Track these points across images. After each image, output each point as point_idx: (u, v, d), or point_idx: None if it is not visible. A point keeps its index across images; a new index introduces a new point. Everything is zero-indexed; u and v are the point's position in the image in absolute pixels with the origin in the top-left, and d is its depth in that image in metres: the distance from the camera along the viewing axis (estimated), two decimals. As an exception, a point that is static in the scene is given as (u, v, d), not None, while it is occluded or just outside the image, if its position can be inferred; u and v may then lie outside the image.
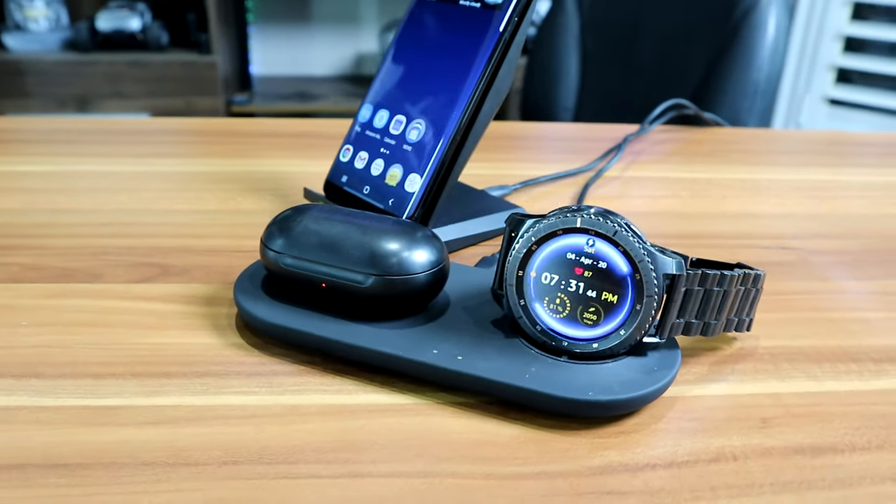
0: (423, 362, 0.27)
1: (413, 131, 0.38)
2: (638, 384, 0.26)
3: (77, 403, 0.26)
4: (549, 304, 0.27)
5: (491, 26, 0.36)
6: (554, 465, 0.24)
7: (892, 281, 0.38)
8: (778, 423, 0.27)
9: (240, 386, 0.27)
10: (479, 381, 0.26)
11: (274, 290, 0.30)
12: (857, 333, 0.33)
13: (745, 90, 1.01)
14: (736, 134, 0.66)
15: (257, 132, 0.58)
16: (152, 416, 0.25)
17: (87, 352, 0.29)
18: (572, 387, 0.25)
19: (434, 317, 0.29)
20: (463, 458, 0.24)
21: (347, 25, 1.97)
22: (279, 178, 0.48)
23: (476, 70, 0.36)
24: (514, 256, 0.27)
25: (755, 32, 0.99)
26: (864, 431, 0.26)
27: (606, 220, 0.26)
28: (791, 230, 0.44)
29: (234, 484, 0.22)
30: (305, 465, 0.23)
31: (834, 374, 0.30)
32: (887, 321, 0.34)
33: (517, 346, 0.27)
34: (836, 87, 1.66)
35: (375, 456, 0.24)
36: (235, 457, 0.24)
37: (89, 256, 0.37)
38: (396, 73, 0.40)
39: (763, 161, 0.58)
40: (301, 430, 0.25)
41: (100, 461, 0.23)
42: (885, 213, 0.48)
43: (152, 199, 0.44)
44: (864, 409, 0.28)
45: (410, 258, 0.28)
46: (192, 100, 1.61)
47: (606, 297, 0.26)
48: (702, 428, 0.26)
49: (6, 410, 0.25)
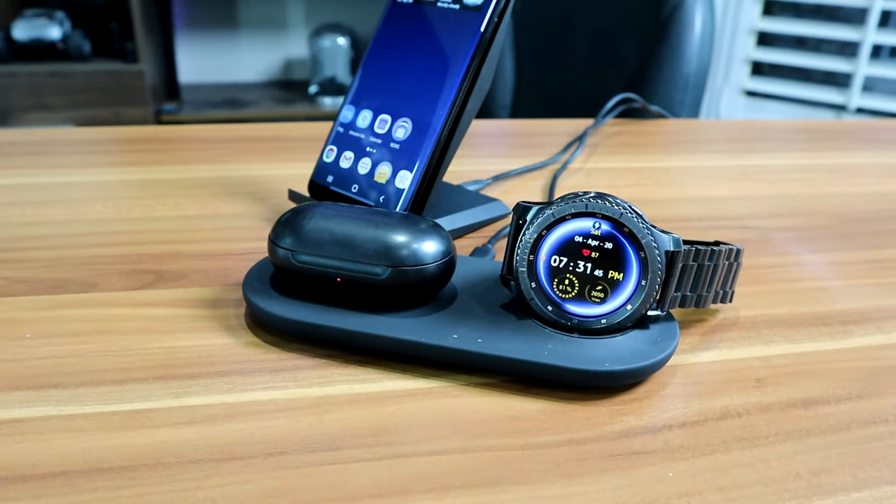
0: (446, 347, 0.28)
1: (399, 130, 0.39)
2: (647, 354, 0.28)
3: (105, 410, 0.26)
4: (559, 286, 0.29)
5: (472, 27, 0.37)
6: (581, 433, 0.26)
7: (843, 252, 0.42)
8: (770, 382, 0.29)
9: (266, 382, 0.28)
10: (502, 360, 0.27)
11: (284, 287, 0.31)
12: (822, 300, 0.36)
13: (677, 84, 1.06)
14: (680, 125, 0.70)
15: (220, 138, 0.58)
16: (186, 417, 0.26)
17: (103, 359, 0.29)
18: (589, 360, 0.27)
19: (445, 305, 0.31)
20: (496, 432, 0.25)
21: (275, 31, 1.95)
22: (253, 182, 0.48)
23: (460, 69, 0.37)
24: (526, 242, 0.29)
25: (683, 29, 1.04)
26: (845, 384, 0.29)
27: (612, 204, 0.28)
28: (748, 211, 0.47)
29: (283, 473, 0.23)
30: (349, 450, 0.24)
31: (809, 337, 0.33)
32: (845, 287, 0.37)
33: (531, 326, 0.29)
34: (752, 79, 1.75)
35: (414, 437, 0.25)
36: (279, 448, 0.24)
37: (78, 267, 0.36)
38: (377, 74, 0.41)
39: (710, 149, 0.62)
40: (336, 418, 0.26)
41: (144, 462, 0.23)
42: (823, 193, 0.52)
43: (129, 206, 0.44)
44: (840, 365, 0.31)
45: (423, 249, 0.29)
46: (119, 110, 1.56)
47: (612, 275, 0.28)
48: (705, 391, 0.28)
49: (33, 422, 0.25)
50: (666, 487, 0.23)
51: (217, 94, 1.85)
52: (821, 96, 1.66)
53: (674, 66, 1.06)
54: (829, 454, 0.25)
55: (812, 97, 1.67)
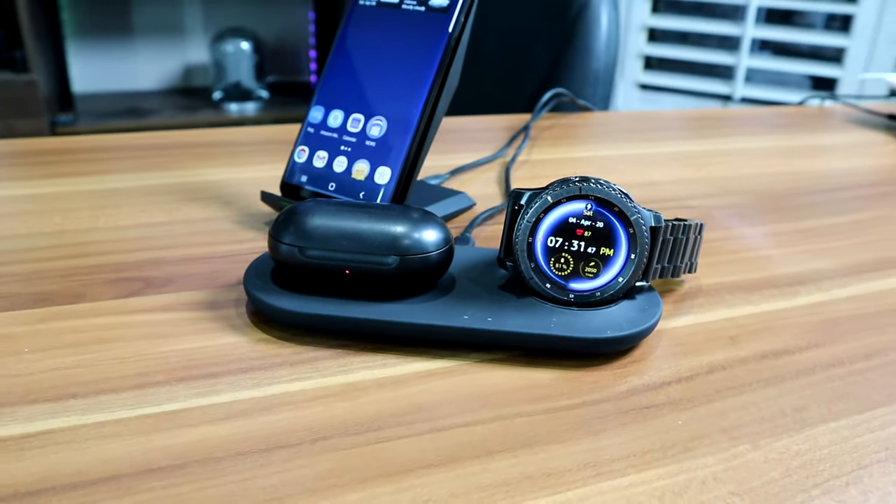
0: (459, 327, 0.30)
1: (374, 128, 0.40)
2: (639, 321, 0.31)
3: (135, 414, 0.26)
4: (556, 264, 0.31)
5: (440, 28, 0.39)
6: (593, 395, 0.28)
7: (775, 225, 0.47)
8: (742, 339, 0.33)
9: (289, 375, 0.28)
10: (513, 335, 0.29)
11: (287, 283, 0.32)
12: (767, 266, 0.40)
13: (587, 79, 1.12)
14: (605, 117, 0.74)
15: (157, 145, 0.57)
16: (220, 413, 0.26)
17: (116, 366, 0.29)
18: (591, 329, 0.30)
19: (447, 290, 0.32)
20: (520, 401, 0.27)
21: (172, 36, 1.89)
22: (213, 187, 0.48)
23: (431, 69, 0.39)
24: (525, 226, 0.31)
25: (591, 27, 1.10)
26: (802, 336, 0.33)
27: (602, 186, 0.30)
28: (686, 192, 0.52)
29: (334, 455, 0.24)
30: (390, 429, 0.26)
31: (764, 299, 0.37)
32: (784, 255, 0.42)
33: (532, 302, 0.31)
34: (644, 73, 1.86)
35: (446, 411, 0.27)
36: (323, 433, 0.25)
37: (57, 279, 0.35)
38: (345, 75, 0.42)
39: (638, 138, 0.66)
40: (368, 402, 0.27)
41: (192, 459, 0.24)
42: (744, 174, 0.57)
43: (90, 217, 0.42)
44: (794, 320, 0.35)
45: (428, 238, 0.31)
46: (11, 122, 1.47)
47: (604, 251, 0.31)
48: (689, 350, 0.32)
49: (63, 432, 0.25)
50: (679, 433, 0.26)
51: (114, 104, 1.77)
52: (708, 87, 1.78)
53: (584, 61, 1.11)
54: (804, 394, 0.29)
55: (700, 88, 1.79)
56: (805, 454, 0.25)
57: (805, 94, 0.99)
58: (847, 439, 0.26)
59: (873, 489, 0.24)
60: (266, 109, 1.81)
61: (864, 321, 0.35)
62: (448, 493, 0.23)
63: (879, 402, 0.29)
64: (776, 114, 0.79)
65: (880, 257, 0.42)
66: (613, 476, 0.24)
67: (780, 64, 1.71)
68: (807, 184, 0.55)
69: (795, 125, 0.74)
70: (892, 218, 0.49)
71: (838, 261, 0.41)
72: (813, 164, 0.60)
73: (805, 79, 1.85)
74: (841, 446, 0.26)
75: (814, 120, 0.77)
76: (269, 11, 1.93)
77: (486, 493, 0.23)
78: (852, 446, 0.26)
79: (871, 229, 0.47)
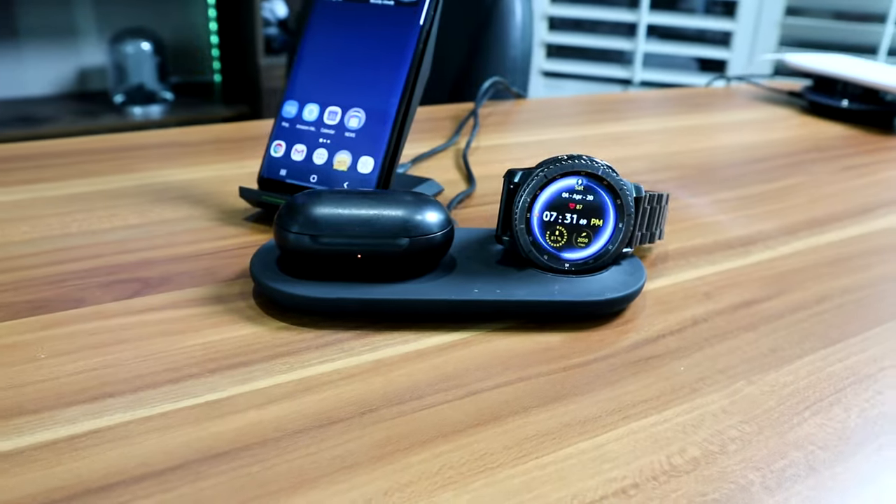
0: (473, 300, 0.32)
1: (353, 119, 0.41)
2: (630, 283, 0.34)
3: (179, 406, 0.26)
4: (551, 237, 0.34)
5: (411, 21, 0.41)
6: (603, 351, 0.31)
7: (717, 194, 0.51)
8: (715, 294, 0.36)
9: (318, 357, 0.30)
10: (522, 304, 0.32)
11: (294, 271, 0.33)
12: (719, 230, 0.44)
13: (505, 67, 1.15)
14: (537, 103, 0.78)
15: (107, 148, 0.55)
16: (264, 398, 0.27)
17: (142, 364, 0.29)
18: (591, 293, 0.32)
19: (451, 268, 0.34)
20: (539, 362, 0.30)
21: (63, 39, 1.79)
22: (177, 187, 0.48)
23: (405, 61, 0.41)
24: (523, 203, 0.33)
25: (506, 17, 1.13)
26: (762, 288, 0.37)
27: (591, 162, 0.33)
28: (631, 169, 0.56)
29: (386, 424, 0.26)
30: (430, 396, 0.27)
31: (723, 259, 0.41)
32: (730, 220, 0.46)
33: (533, 273, 0.34)
34: (547, 60, 1.93)
35: (476, 377, 0.29)
36: (368, 406, 0.27)
37: (49, 286, 0.35)
38: (316, 70, 0.43)
39: (573, 122, 0.70)
40: (401, 375, 0.29)
41: (253, 442, 0.25)
42: (676, 150, 0.62)
43: (62, 223, 0.41)
44: (753, 275, 0.39)
45: (433, 219, 0.33)
46: None
47: (594, 222, 0.34)
48: (673, 307, 0.35)
49: (112, 430, 0.25)
50: (684, 377, 0.29)
51: (5, 112, 1.66)
52: (608, 72, 1.87)
53: (500, 51, 1.15)
54: (777, 336, 0.33)
55: (601, 74, 1.87)
56: (791, 385, 0.29)
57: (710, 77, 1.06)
58: (821, 369, 0.30)
59: (852, 406, 0.28)
60: (172, 111, 1.75)
61: (808, 272, 0.39)
62: (501, 446, 0.25)
63: (837, 338, 0.33)
64: (690, 94, 0.85)
65: (809, 217, 0.47)
66: (638, 418, 0.27)
67: (676, 48, 1.82)
68: (732, 156, 0.60)
69: (709, 104, 0.80)
70: (811, 183, 0.55)
71: (776, 223, 0.46)
72: (733, 139, 0.66)
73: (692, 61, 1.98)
74: (817, 376, 0.30)
75: (723, 99, 0.83)
76: (167, 10, 1.86)
77: (534, 442, 0.25)
78: (826, 375, 0.30)
79: (796, 194, 0.52)
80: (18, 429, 0.25)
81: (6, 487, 0.22)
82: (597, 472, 0.24)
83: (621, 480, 0.24)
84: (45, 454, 0.24)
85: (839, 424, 0.27)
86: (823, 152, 0.63)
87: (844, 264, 0.40)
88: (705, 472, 0.24)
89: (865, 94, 0.73)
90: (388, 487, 0.23)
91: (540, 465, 0.24)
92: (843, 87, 0.74)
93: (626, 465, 0.24)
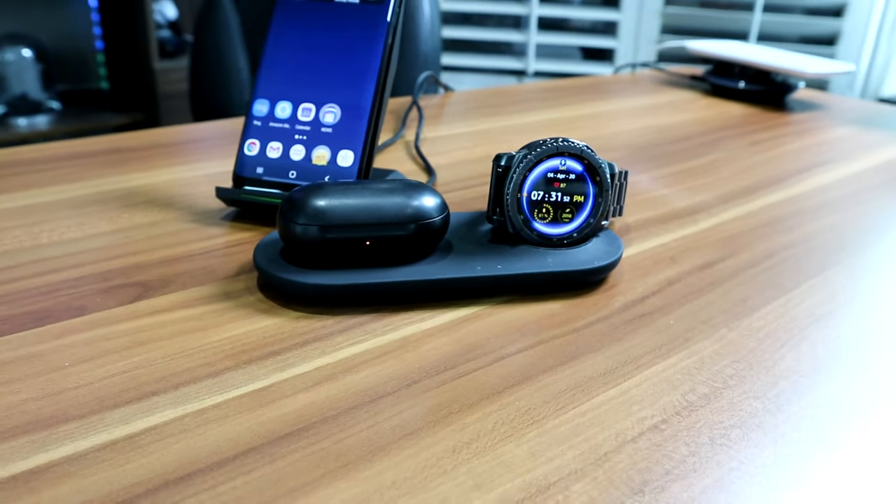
0: (479, 276, 0.34)
1: (328, 115, 0.42)
2: (612, 252, 0.37)
3: (228, 397, 0.27)
4: (538, 214, 0.37)
5: (378, 18, 0.43)
6: (600, 314, 0.34)
7: (655, 171, 0.56)
8: (678, 259, 0.40)
9: (346, 341, 0.31)
10: (523, 276, 0.34)
11: (300, 261, 0.34)
12: (666, 203, 0.49)
13: (416, 63, 1.18)
14: (465, 95, 0.81)
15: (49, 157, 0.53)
16: (308, 381, 0.28)
17: (174, 363, 0.29)
18: (582, 262, 0.36)
19: (449, 250, 0.36)
20: (548, 327, 0.33)
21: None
22: (139, 192, 0.47)
23: (376, 56, 0.42)
24: (515, 184, 0.36)
25: (415, 14, 1.16)
26: (718, 250, 0.42)
27: (572, 143, 0.36)
28: (573, 151, 0.59)
29: (432, 392, 0.28)
30: (462, 365, 0.30)
31: (677, 227, 0.45)
32: (673, 193, 0.51)
33: (525, 249, 0.36)
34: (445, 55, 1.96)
35: (498, 344, 0.31)
36: (411, 378, 0.29)
37: (42, 297, 0.34)
38: (285, 68, 0.43)
39: (505, 111, 0.73)
40: (429, 349, 0.31)
41: (311, 422, 0.26)
42: (608, 133, 0.67)
43: (30, 234, 0.40)
44: (707, 240, 0.43)
45: (432, 204, 0.35)
46: None
47: (576, 198, 0.37)
48: (647, 272, 0.39)
49: (169, 425, 0.26)
50: (675, 330, 0.33)
51: None
52: (503, 64, 1.93)
53: (411, 47, 1.17)
54: (741, 289, 0.37)
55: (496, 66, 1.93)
56: (764, 328, 0.33)
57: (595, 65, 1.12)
58: (784, 314, 0.35)
59: (818, 342, 0.32)
60: (59, 122, 1.66)
61: (751, 234, 0.44)
62: (540, 401, 0.27)
63: (791, 287, 0.38)
64: (603, 82, 0.90)
65: (739, 187, 0.53)
66: (647, 366, 0.30)
67: (568, 39, 1.90)
68: (658, 136, 0.66)
69: (623, 91, 0.86)
70: (730, 157, 0.60)
71: (713, 193, 0.51)
72: (652, 121, 0.72)
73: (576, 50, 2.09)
74: (783, 319, 0.34)
75: (632, 85, 0.89)
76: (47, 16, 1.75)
77: (567, 394, 0.28)
78: (790, 318, 0.34)
79: (720, 167, 0.57)
80: (70, 434, 0.25)
81: (81, 489, 0.23)
82: (629, 414, 0.27)
83: (651, 418, 0.27)
84: (109, 454, 0.24)
85: (811, 356, 0.31)
86: (732, 129, 0.70)
87: (779, 224, 0.46)
88: (716, 405, 0.28)
89: (758, 75, 0.81)
90: (454, 446, 0.25)
91: (579, 413, 0.27)
92: (740, 70, 0.81)
93: (651, 405, 0.28)
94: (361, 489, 0.23)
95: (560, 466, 0.24)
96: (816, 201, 0.50)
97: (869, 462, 0.25)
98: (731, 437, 0.26)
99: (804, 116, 0.76)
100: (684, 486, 0.24)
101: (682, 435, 0.26)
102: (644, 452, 0.25)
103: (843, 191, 0.53)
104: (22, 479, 0.23)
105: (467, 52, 1.97)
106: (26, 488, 0.23)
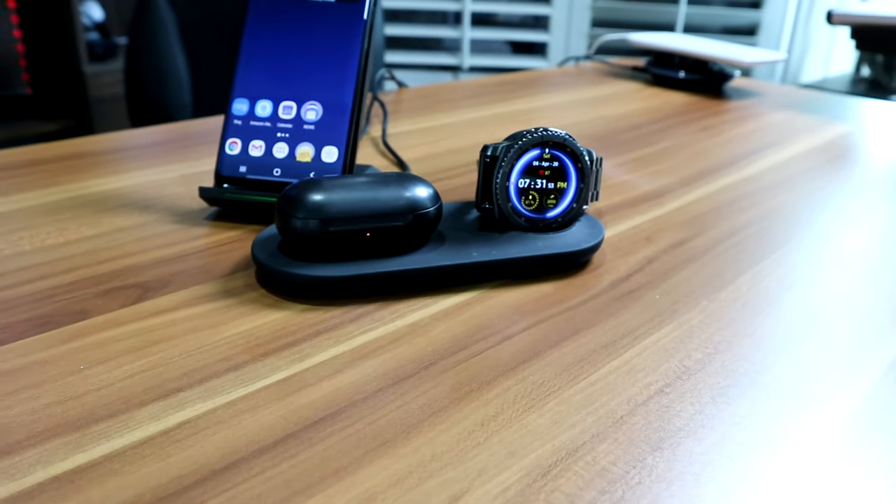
0: (476, 262, 0.35)
1: (310, 112, 0.43)
2: (596, 234, 0.39)
3: (253, 389, 0.28)
4: (525, 201, 0.38)
5: (355, 16, 0.43)
6: (591, 292, 0.36)
7: (617, 158, 0.58)
8: (654, 238, 0.43)
9: (357, 329, 0.32)
10: (517, 260, 0.36)
11: (299, 254, 0.35)
12: (633, 188, 0.52)
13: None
14: (419, 91, 0.82)
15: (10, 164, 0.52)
16: (329, 369, 0.29)
17: (191, 359, 0.30)
18: (569, 245, 0.38)
19: (443, 239, 0.38)
20: (545, 307, 0.34)
21: None
22: (114, 196, 0.47)
23: (355, 54, 0.43)
24: (503, 173, 0.37)
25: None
26: (687, 230, 0.45)
27: (555, 133, 0.38)
28: (535, 142, 0.62)
29: (450, 372, 0.29)
30: (473, 345, 0.31)
31: (646, 210, 0.48)
32: (637, 178, 0.54)
33: (515, 234, 0.38)
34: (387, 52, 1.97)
35: (502, 325, 0.33)
36: (427, 361, 0.30)
37: (40, 303, 0.34)
38: (265, 67, 0.44)
39: (463, 105, 0.75)
40: (438, 333, 0.32)
41: (340, 406, 0.27)
42: (564, 124, 0.69)
43: (9, 242, 0.39)
44: (675, 220, 0.46)
45: (426, 195, 0.36)
46: None
47: (560, 185, 0.39)
48: (626, 252, 0.41)
49: (202, 418, 0.26)
50: (661, 305, 0.35)
51: None
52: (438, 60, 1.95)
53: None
54: (713, 265, 0.40)
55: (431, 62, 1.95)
56: (741, 297, 0.36)
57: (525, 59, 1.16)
58: (756, 284, 0.38)
59: (794, 306, 0.35)
60: (-19, 128, 1.58)
61: (714, 213, 0.47)
62: (553, 374, 0.29)
63: (759, 259, 0.41)
64: (551, 75, 0.93)
65: (696, 171, 0.56)
66: (643, 338, 0.32)
67: (502, 34, 1.93)
68: (612, 126, 0.69)
69: (570, 83, 0.89)
70: (682, 144, 0.64)
71: (672, 177, 0.54)
72: (605, 111, 0.75)
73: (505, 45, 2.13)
74: (757, 288, 0.37)
75: (576, 77, 0.93)
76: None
77: (576, 367, 0.30)
78: (763, 287, 0.37)
79: (675, 153, 0.61)
80: (104, 433, 0.25)
81: (128, 485, 0.23)
82: (635, 381, 0.29)
83: (656, 384, 0.29)
84: (149, 450, 0.25)
85: (789, 320, 0.34)
86: (678, 117, 0.73)
87: (738, 204, 0.49)
88: (711, 369, 0.30)
89: (696, 65, 0.85)
90: (482, 419, 0.26)
91: (590, 383, 0.29)
92: (680, 60, 0.85)
93: (653, 372, 0.30)
94: (405, 464, 0.24)
95: (583, 431, 0.26)
96: (768, 181, 0.54)
97: (851, 410, 0.28)
98: (730, 395, 0.28)
99: (743, 103, 0.81)
100: (697, 440, 0.26)
101: (687, 396, 0.28)
102: (655, 413, 0.27)
103: (790, 171, 0.57)
104: (66, 479, 0.23)
105: (403, 49, 1.98)
106: (72, 488, 0.23)
